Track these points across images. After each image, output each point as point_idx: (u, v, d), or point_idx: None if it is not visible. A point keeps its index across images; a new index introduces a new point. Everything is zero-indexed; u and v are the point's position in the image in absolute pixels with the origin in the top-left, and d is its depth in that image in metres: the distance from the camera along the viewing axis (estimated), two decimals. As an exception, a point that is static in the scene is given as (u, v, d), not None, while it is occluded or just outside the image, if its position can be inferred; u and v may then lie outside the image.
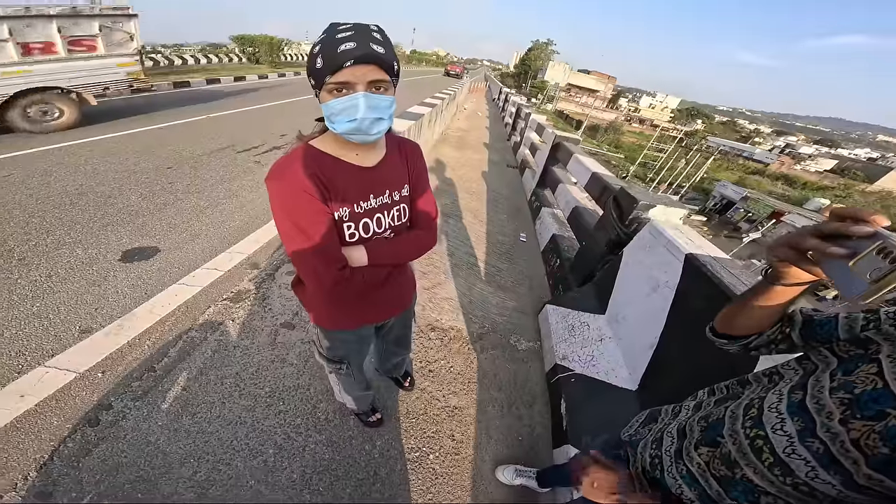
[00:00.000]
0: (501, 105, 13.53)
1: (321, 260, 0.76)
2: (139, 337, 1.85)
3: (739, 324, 0.67)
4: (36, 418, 1.43)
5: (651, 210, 1.98)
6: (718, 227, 25.37)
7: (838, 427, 0.49)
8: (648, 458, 0.73)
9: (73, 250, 2.49)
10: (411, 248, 0.91)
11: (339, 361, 1.14)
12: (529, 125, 6.30)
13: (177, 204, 3.26)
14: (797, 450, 0.51)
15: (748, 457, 0.56)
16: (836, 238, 0.47)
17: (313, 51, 0.66)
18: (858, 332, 0.55)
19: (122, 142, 4.86)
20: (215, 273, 2.39)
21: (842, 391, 0.51)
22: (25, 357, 1.69)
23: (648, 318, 1.64)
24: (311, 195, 0.72)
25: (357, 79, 0.65)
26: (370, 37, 0.65)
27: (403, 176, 0.88)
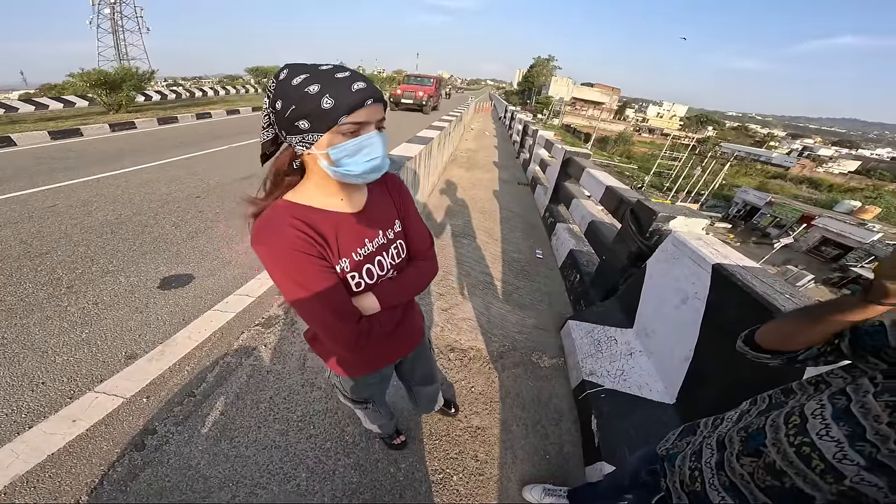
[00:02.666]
0: (508, 123, 13.73)
1: (337, 318, 0.73)
2: (179, 362, 1.93)
3: (799, 339, 0.65)
4: (87, 443, 1.50)
5: (672, 221, 1.97)
6: (746, 234, 24.61)
7: (887, 429, 0.49)
8: (688, 471, 0.72)
9: (117, 278, 2.64)
10: (417, 281, 0.89)
11: (365, 401, 1.14)
12: (538, 142, 6.36)
13: (207, 232, 3.42)
14: (848, 454, 0.51)
15: (796, 465, 0.56)
16: None
17: (307, 90, 0.59)
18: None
19: (154, 172, 5.18)
20: (247, 299, 2.48)
21: (886, 394, 0.51)
22: (76, 382, 1.79)
23: (680, 330, 1.62)
24: (307, 253, 0.68)
25: (372, 118, 0.64)
26: (367, 77, 0.65)
27: (392, 211, 0.86)
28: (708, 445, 0.71)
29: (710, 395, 1.41)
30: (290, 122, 0.63)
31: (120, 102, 10.59)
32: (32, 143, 6.49)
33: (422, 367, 1.24)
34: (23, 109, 10.47)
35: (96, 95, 10.56)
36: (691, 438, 0.78)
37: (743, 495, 0.62)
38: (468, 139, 10.70)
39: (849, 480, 0.51)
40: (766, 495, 0.59)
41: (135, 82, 11.03)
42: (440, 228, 3.96)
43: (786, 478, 0.57)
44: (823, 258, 20.62)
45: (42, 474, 1.37)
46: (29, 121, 8.57)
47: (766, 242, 22.22)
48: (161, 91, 15.91)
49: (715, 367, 1.43)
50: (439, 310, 2.51)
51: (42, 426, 1.55)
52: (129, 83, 10.67)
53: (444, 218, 4.28)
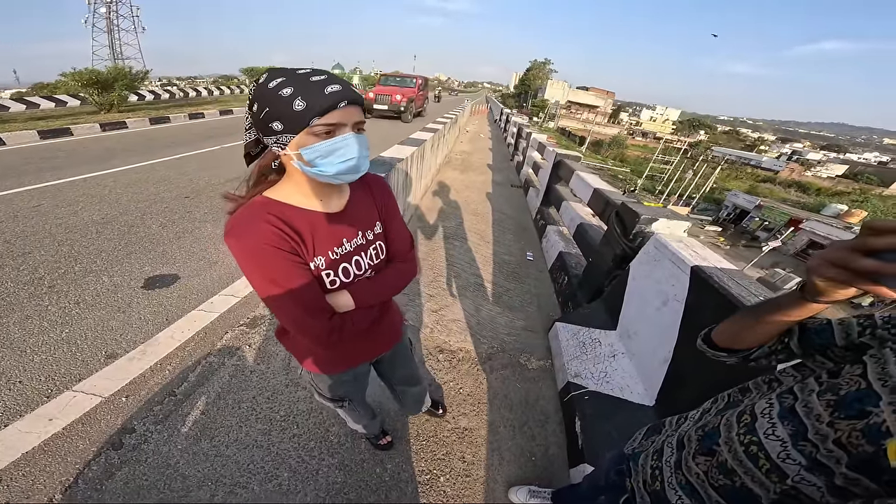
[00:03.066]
0: (503, 126, 13.80)
1: (308, 314, 0.74)
2: (161, 362, 1.91)
3: (747, 338, 0.66)
4: (63, 441, 1.48)
5: (654, 224, 2.00)
6: (735, 237, 24.94)
7: (826, 429, 0.50)
8: (650, 470, 0.73)
9: (100, 278, 2.62)
10: (395, 283, 0.90)
11: (341, 399, 1.13)
12: (531, 144, 6.41)
13: (195, 232, 3.39)
14: (791, 454, 0.52)
15: (745, 464, 0.57)
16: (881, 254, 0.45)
17: (281, 94, 0.61)
18: (855, 338, 0.55)
19: (143, 172, 5.13)
20: (232, 300, 2.46)
21: (828, 393, 0.52)
22: (55, 381, 1.77)
23: (660, 332, 1.64)
24: (280, 248, 0.69)
25: (347, 120, 0.65)
26: (344, 80, 0.66)
27: (373, 213, 0.87)
28: (668, 444, 0.72)
29: (687, 398, 1.43)
30: (265, 123, 0.64)
31: (111, 102, 10.50)
32: (21, 142, 6.38)
33: (402, 367, 1.24)
34: (14, 108, 10.30)
35: (88, 95, 10.46)
36: (656, 437, 0.79)
37: (698, 494, 0.63)
38: (463, 141, 10.74)
39: (790, 480, 0.52)
40: (719, 494, 0.60)
41: (127, 82, 10.96)
42: (432, 230, 3.96)
43: (736, 477, 0.58)
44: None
45: (15, 472, 1.36)
46: (19, 120, 8.44)
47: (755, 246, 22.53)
48: (155, 91, 15.80)
49: (692, 369, 1.44)
50: (429, 311, 2.51)
51: (17, 424, 1.54)
52: (121, 83, 10.59)
53: (437, 220, 4.29)
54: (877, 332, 0.53)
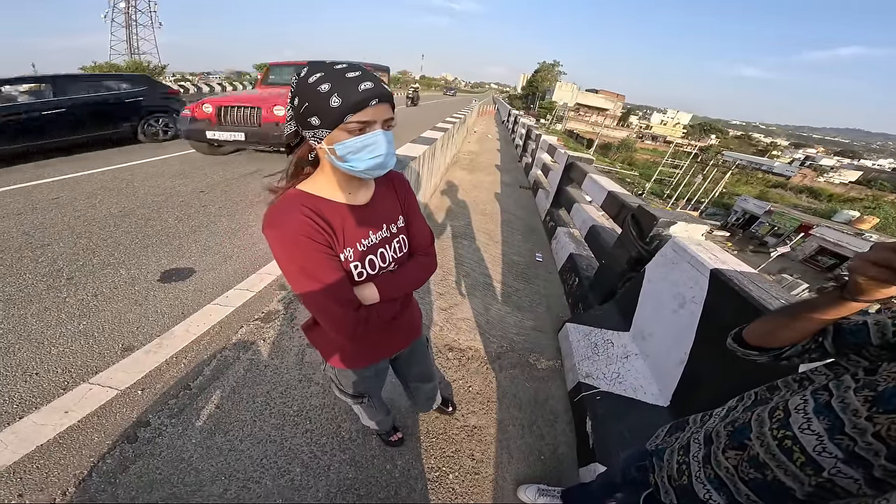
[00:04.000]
0: (511, 127, 13.78)
1: (338, 304, 0.76)
2: (177, 355, 1.93)
3: (782, 336, 0.67)
4: (78, 434, 1.49)
5: (672, 227, 1.99)
6: (744, 243, 24.62)
7: (864, 423, 0.51)
8: (675, 465, 0.74)
9: (118, 270, 2.65)
10: (417, 276, 0.92)
11: (361, 396, 1.15)
12: (541, 146, 6.39)
13: (210, 226, 3.42)
14: (827, 447, 0.53)
15: (778, 458, 0.58)
16: None
17: (319, 89, 0.63)
18: (891, 337, 0.56)
19: (160, 166, 5.21)
20: (247, 294, 2.48)
21: (866, 389, 0.53)
22: (71, 374, 1.79)
23: (677, 334, 1.63)
24: (314, 240, 0.72)
25: (378, 117, 0.67)
26: (377, 77, 0.67)
27: (396, 207, 0.90)
28: (696, 440, 0.73)
29: (703, 399, 1.42)
30: (304, 117, 0.67)
31: None
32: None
33: (418, 363, 1.25)
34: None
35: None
36: (680, 434, 0.79)
37: (727, 488, 0.64)
38: (471, 142, 10.73)
39: (826, 472, 0.53)
40: (749, 487, 0.61)
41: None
42: (441, 229, 3.97)
43: (767, 470, 0.59)
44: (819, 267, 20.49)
45: (30, 465, 1.37)
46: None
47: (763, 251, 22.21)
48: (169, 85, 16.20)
49: (709, 371, 1.43)
50: (439, 309, 2.51)
51: (33, 417, 1.55)
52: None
53: (446, 218, 4.29)
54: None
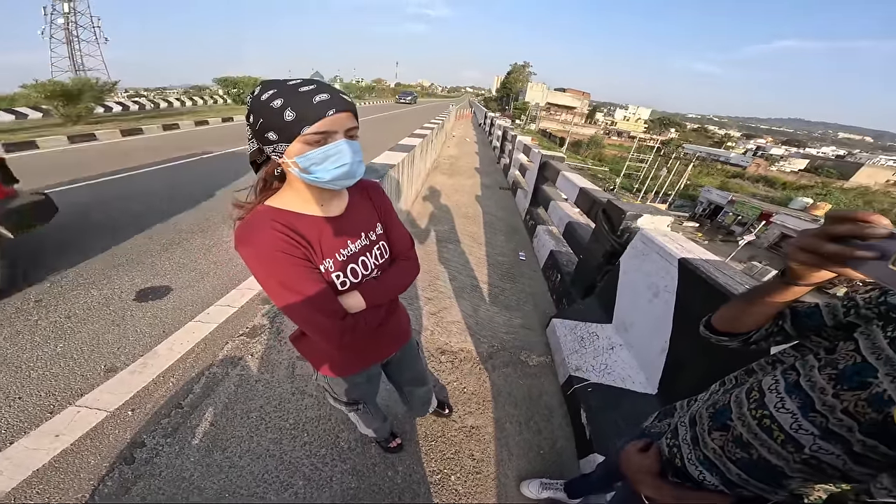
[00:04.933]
0: (488, 130, 13.91)
1: (322, 315, 0.76)
2: (163, 374, 1.90)
3: (744, 321, 0.69)
4: (73, 458, 1.47)
5: (639, 219, 2.07)
6: (713, 232, 25.73)
7: (832, 400, 0.53)
8: (667, 448, 0.76)
9: (89, 291, 2.57)
10: (401, 280, 0.94)
11: (356, 403, 1.15)
12: (517, 147, 6.52)
13: (183, 244, 3.35)
14: (803, 424, 0.55)
15: (760, 436, 0.59)
16: (847, 240, 0.49)
17: (272, 105, 0.63)
18: (842, 318, 0.60)
19: (121, 185, 5.00)
20: (229, 310, 2.45)
21: (829, 368, 0.55)
22: (55, 397, 1.74)
23: (655, 323, 1.68)
24: (290, 254, 0.71)
25: (338, 127, 0.67)
26: (334, 88, 0.67)
27: (373, 215, 0.91)
28: (682, 424, 0.76)
29: (688, 385, 1.47)
30: (261, 134, 0.67)
31: (79, 114, 10.18)
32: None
33: (410, 367, 1.26)
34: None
35: (52, 107, 10.09)
36: (670, 420, 0.83)
37: (718, 468, 0.65)
38: (450, 146, 10.82)
39: (808, 449, 0.54)
40: (738, 467, 0.62)
41: (95, 94, 10.70)
42: (425, 234, 4.00)
43: (752, 449, 0.60)
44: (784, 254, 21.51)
45: (28, 490, 1.34)
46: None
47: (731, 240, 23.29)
48: (123, 102, 15.42)
49: (690, 357, 1.50)
50: (428, 314, 2.54)
51: (24, 442, 1.52)
52: (88, 94, 10.32)
53: (429, 224, 4.32)
54: (861, 311, 0.58)
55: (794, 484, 0.57)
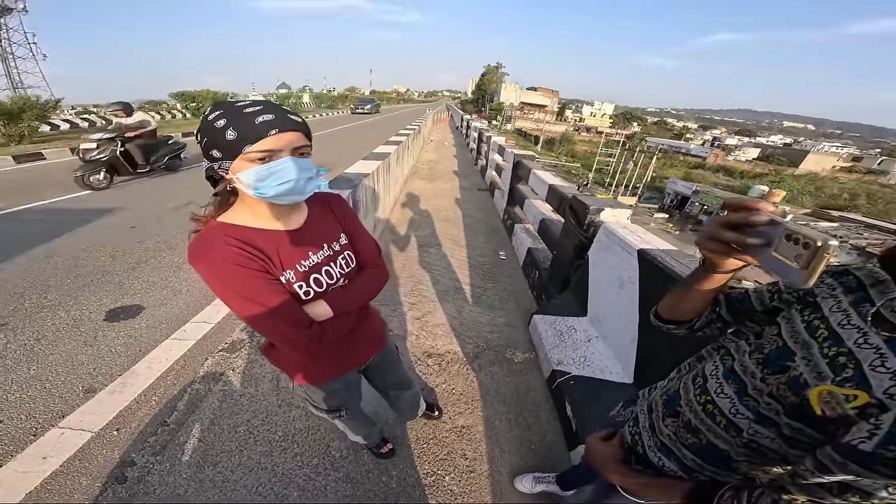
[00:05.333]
0: (465, 132, 13.87)
1: (287, 324, 0.77)
2: (144, 393, 1.88)
3: (683, 309, 0.70)
4: (64, 479, 1.46)
5: (601, 213, 2.12)
6: (682, 223, 26.62)
7: (760, 384, 0.54)
8: (629, 437, 0.78)
9: (56, 313, 2.50)
10: (368, 288, 0.95)
11: (337, 410, 1.14)
12: (492, 148, 6.60)
13: (151, 262, 3.26)
14: (739, 409, 0.56)
15: (705, 422, 0.60)
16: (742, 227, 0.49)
17: (215, 125, 0.67)
18: (768, 303, 0.61)
19: (74, 203, 4.81)
20: (206, 326, 2.40)
21: (757, 353, 0.57)
22: (36, 419, 1.72)
23: (623, 313, 1.71)
24: (247, 267, 0.72)
25: (282, 146, 0.69)
26: (283, 110, 0.70)
27: (336, 227, 0.92)
28: (642, 411, 0.78)
29: (659, 373, 1.46)
30: (207, 151, 0.70)
31: (22, 133, 9.54)
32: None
33: (391, 372, 1.28)
34: None
35: (-9, 127, 9.34)
36: (633, 408, 0.84)
37: (674, 454, 0.66)
38: (428, 151, 10.81)
39: (745, 433, 0.55)
40: (692, 452, 0.63)
41: (37, 111, 10.03)
42: (406, 240, 4.01)
43: (701, 434, 0.61)
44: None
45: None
46: None
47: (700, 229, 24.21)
48: (70, 120, 14.54)
49: (658, 346, 1.52)
50: (413, 319, 2.57)
51: (12, 465, 1.50)
52: (30, 112, 9.66)
53: (409, 230, 4.33)
54: (783, 296, 0.60)
55: (743, 467, 0.58)
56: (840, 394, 0.45)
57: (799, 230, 0.43)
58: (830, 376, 0.46)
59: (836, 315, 0.51)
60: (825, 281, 0.56)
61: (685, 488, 0.62)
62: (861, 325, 0.48)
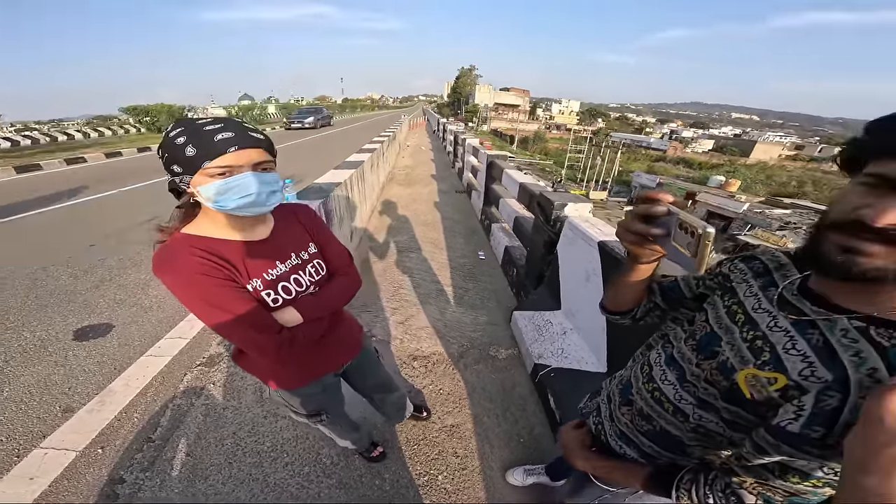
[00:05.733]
0: (441, 136, 13.79)
1: (255, 331, 0.78)
2: (125, 410, 1.85)
3: (622, 300, 0.71)
4: (54, 499, 1.45)
5: (565, 208, 2.17)
6: (650, 215, 27.52)
7: (697, 370, 0.55)
8: (593, 426, 0.79)
9: (20, 334, 2.44)
10: (338, 295, 0.96)
11: (317, 414, 1.14)
12: (467, 150, 6.65)
13: (116, 279, 3.15)
14: (683, 395, 0.57)
15: (655, 408, 0.61)
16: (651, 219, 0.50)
17: (175, 142, 0.68)
18: (696, 289, 0.63)
19: (25, 224, 4.55)
20: (181, 341, 2.35)
21: (690, 339, 0.58)
22: (17, 440, 1.70)
23: (593, 305, 1.69)
24: (212, 276, 0.73)
25: (242, 161, 0.71)
26: (244, 127, 0.72)
27: (304, 237, 0.94)
28: (603, 401, 0.79)
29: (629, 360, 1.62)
30: (167, 166, 0.72)
31: None
32: None
33: (371, 375, 1.30)
34: None
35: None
36: (597, 399, 0.85)
37: (633, 441, 0.66)
38: (405, 156, 10.74)
39: (692, 418, 0.55)
40: (648, 439, 0.63)
41: None
42: (385, 247, 4.00)
43: (654, 421, 0.61)
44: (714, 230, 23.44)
45: None
46: None
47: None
48: (10, 137, 13.65)
49: (626, 335, 1.54)
50: (396, 323, 2.59)
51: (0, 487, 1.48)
52: None
53: (388, 236, 4.32)
54: (707, 282, 0.61)
55: (697, 451, 0.57)
56: (763, 377, 0.46)
57: (687, 219, 0.44)
58: (752, 360, 0.48)
59: (750, 299, 0.53)
60: (738, 266, 0.58)
61: (646, 472, 0.63)
62: (770, 309, 0.50)
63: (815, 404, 0.41)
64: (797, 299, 0.48)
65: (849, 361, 0.40)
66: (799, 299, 0.48)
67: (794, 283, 0.50)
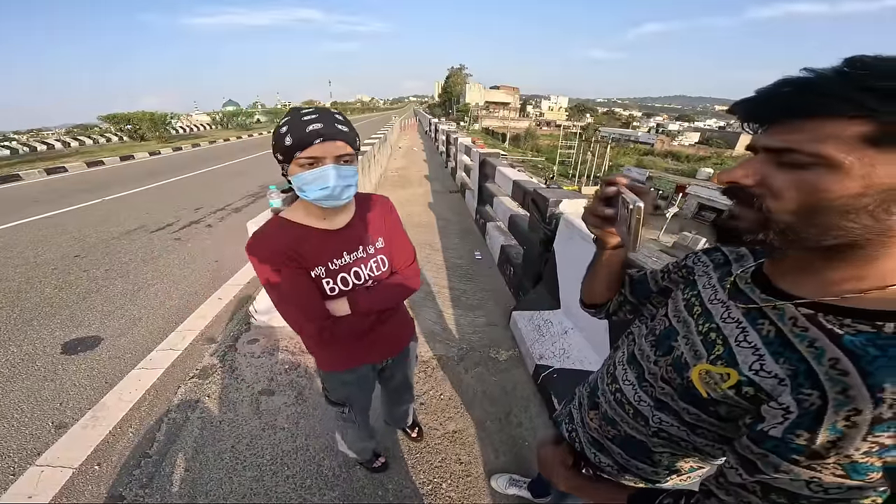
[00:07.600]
0: (434, 136, 13.65)
1: (305, 316, 0.86)
2: (119, 425, 1.81)
3: (597, 292, 0.69)
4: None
5: (560, 205, 2.14)
6: (643, 209, 27.53)
7: (654, 367, 0.51)
8: (567, 434, 0.74)
9: (7, 349, 2.40)
10: (394, 292, 0.98)
11: (342, 404, 1.17)
12: (459, 149, 6.61)
13: (102, 291, 3.08)
14: (641, 396, 0.53)
15: (618, 412, 0.57)
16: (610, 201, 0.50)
17: (280, 131, 0.75)
18: (661, 282, 0.60)
19: (6, 235, 4.44)
20: (172, 353, 2.30)
21: (651, 335, 0.55)
22: (11, 458, 1.67)
23: None
24: (283, 264, 0.82)
25: (326, 153, 0.75)
26: (334, 118, 0.77)
27: (377, 230, 0.96)
28: (574, 407, 0.74)
29: None
30: (274, 154, 0.79)
31: None
32: None
33: (402, 374, 1.31)
34: None
35: None
36: (570, 405, 0.80)
37: (605, 448, 0.62)
38: (397, 158, 10.63)
39: (651, 421, 0.51)
40: (616, 445, 0.59)
41: None
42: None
43: (618, 426, 0.57)
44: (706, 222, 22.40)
45: None
46: None
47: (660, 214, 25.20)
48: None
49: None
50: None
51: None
52: None
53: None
54: (671, 275, 0.59)
55: (665, 459, 0.53)
56: (715, 372, 0.42)
57: (626, 196, 0.44)
58: (705, 354, 0.44)
59: (707, 291, 0.50)
60: (701, 259, 0.56)
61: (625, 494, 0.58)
62: (724, 300, 0.46)
63: (798, 405, 0.35)
64: (749, 288, 0.45)
65: (807, 352, 0.36)
66: (751, 288, 0.45)
67: (748, 270, 0.47)
